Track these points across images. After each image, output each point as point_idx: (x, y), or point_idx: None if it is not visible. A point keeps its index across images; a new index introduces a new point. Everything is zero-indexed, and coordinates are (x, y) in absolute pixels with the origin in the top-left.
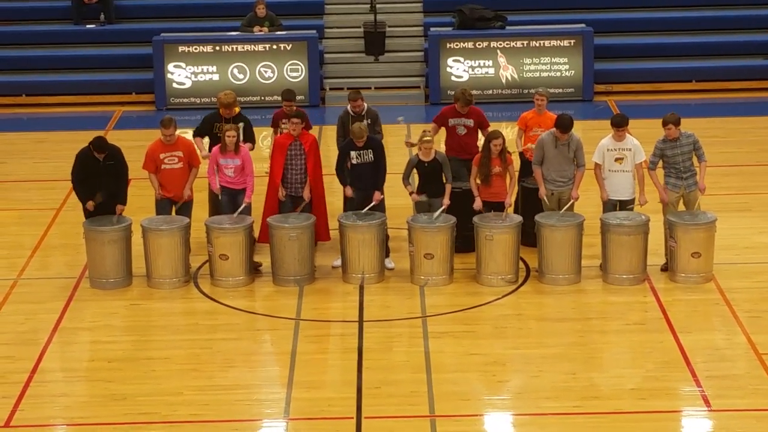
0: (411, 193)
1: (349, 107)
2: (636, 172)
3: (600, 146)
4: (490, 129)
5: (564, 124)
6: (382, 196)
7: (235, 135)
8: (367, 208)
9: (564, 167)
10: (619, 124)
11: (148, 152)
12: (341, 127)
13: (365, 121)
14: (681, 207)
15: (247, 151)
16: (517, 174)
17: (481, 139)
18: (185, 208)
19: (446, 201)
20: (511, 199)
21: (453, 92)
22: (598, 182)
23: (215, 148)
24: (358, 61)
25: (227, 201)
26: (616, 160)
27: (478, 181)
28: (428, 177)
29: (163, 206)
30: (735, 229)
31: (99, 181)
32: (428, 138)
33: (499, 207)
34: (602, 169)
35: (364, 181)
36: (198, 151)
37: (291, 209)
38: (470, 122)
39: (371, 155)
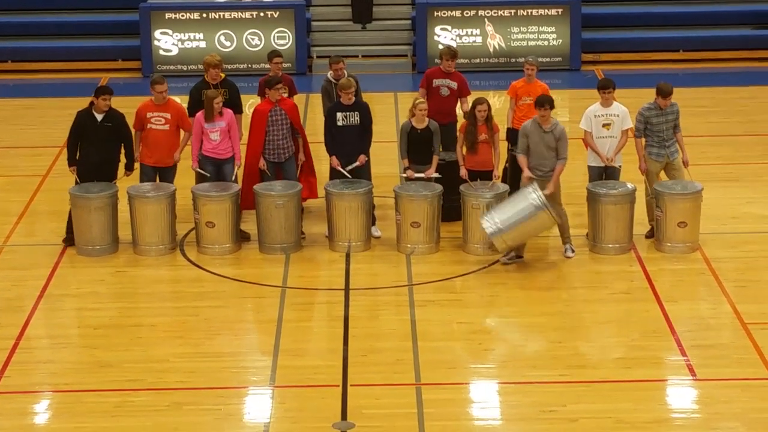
0: (406, 169)
1: (330, 74)
2: (620, 136)
3: (587, 112)
4: (471, 98)
5: (541, 102)
6: (366, 159)
7: (221, 102)
8: (349, 167)
9: (545, 157)
10: (605, 86)
11: (136, 111)
12: (326, 95)
13: None
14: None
15: (232, 113)
16: (503, 143)
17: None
18: (168, 175)
19: (432, 171)
20: (498, 171)
21: (440, 60)
22: (592, 148)
23: (199, 115)
24: (346, 29)
25: (212, 172)
26: (604, 125)
27: (464, 150)
28: (419, 145)
29: (146, 173)
30: (722, 199)
31: (94, 140)
32: (422, 99)
33: (486, 176)
34: (592, 135)
35: (349, 146)
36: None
37: (274, 177)
38: (454, 84)
39: (357, 118)
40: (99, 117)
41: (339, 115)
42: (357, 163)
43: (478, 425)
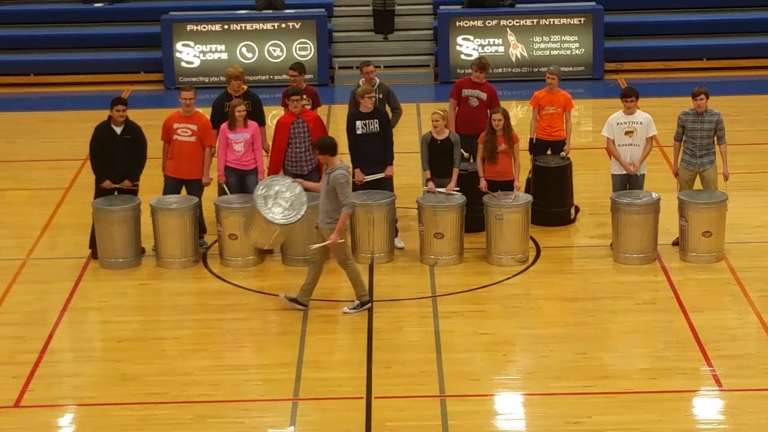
0: (428, 181)
1: (361, 81)
2: (645, 143)
3: (609, 120)
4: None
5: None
6: (392, 171)
7: (244, 110)
8: (372, 177)
9: (323, 202)
10: (627, 95)
11: (164, 123)
12: (353, 102)
13: (377, 96)
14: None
15: (257, 125)
16: (525, 153)
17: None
18: (195, 189)
19: (452, 185)
20: (518, 182)
21: (463, 70)
22: (614, 155)
23: (223, 126)
24: (367, 40)
25: (235, 183)
26: (626, 133)
27: (484, 160)
28: (440, 156)
29: (170, 185)
30: (746, 208)
31: (115, 155)
32: (437, 111)
33: (507, 186)
34: (614, 143)
35: (370, 154)
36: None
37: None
38: (483, 95)
39: (377, 125)
40: (118, 130)
41: (358, 123)
42: (382, 175)
43: None
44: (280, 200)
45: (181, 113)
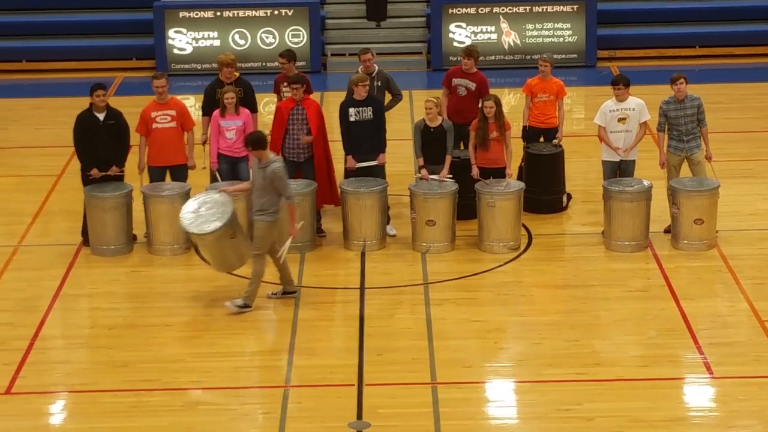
0: (421, 168)
1: (360, 69)
2: (638, 128)
3: (602, 107)
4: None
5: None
6: (385, 159)
7: (234, 97)
8: (364, 164)
9: (260, 195)
10: (615, 82)
11: (141, 114)
12: (350, 89)
13: (376, 83)
14: (684, 170)
15: (249, 112)
16: (518, 141)
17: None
18: (181, 174)
19: (445, 172)
20: (510, 169)
21: (455, 58)
22: (605, 142)
23: (215, 113)
24: (360, 27)
25: (227, 170)
26: (619, 120)
27: (476, 148)
28: (433, 143)
29: (156, 174)
30: (738, 196)
31: (99, 141)
32: (429, 98)
33: (499, 173)
34: (606, 130)
35: (363, 142)
36: (200, 127)
37: (292, 175)
38: (472, 85)
39: (370, 113)
40: (101, 117)
41: (351, 110)
42: (374, 162)
43: (493, 424)
44: (205, 212)
45: (156, 101)
